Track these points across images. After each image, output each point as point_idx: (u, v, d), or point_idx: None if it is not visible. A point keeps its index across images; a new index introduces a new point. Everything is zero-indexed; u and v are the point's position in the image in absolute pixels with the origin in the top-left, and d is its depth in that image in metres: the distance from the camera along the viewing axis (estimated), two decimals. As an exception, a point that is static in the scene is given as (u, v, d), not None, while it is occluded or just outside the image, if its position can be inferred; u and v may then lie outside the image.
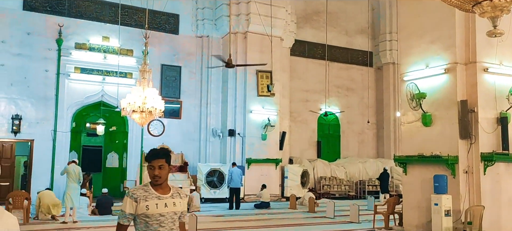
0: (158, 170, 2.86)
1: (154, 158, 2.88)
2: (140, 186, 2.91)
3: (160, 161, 2.88)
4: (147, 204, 2.80)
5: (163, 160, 2.89)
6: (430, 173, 9.02)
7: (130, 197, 2.83)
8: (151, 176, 2.87)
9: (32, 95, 15.40)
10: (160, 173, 2.87)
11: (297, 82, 20.86)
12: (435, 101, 9.34)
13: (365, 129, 22.51)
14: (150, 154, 2.91)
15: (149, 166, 2.87)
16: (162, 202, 2.84)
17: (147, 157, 2.90)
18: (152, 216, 2.79)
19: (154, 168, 2.87)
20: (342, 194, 19.36)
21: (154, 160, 2.88)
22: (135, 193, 2.83)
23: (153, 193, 2.85)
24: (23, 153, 16.08)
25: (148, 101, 11.91)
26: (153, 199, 2.83)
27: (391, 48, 22.26)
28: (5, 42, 14.93)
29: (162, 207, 2.83)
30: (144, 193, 2.84)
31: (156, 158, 2.88)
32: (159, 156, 2.89)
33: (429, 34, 9.55)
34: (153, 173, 2.86)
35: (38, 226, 10.22)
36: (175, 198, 2.92)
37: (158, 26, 17.57)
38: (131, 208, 2.81)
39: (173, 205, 2.88)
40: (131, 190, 2.86)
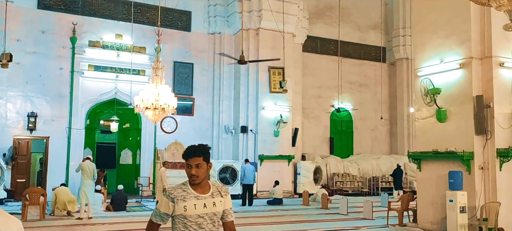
0: (195, 169, 2.66)
1: (191, 156, 2.68)
2: (179, 185, 2.73)
3: (198, 159, 2.68)
4: (185, 205, 2.62)
5: (200, 158, 2.69)
6: (445, 169, 8.93)
7: (167, 196, 2.66)
8: (188, 175, 2.68)
9: (47, 93, 15.60)
10: (197, 172, 2.66)
11: (310, 78, 20.78)
12: (450, 97, 9.23)
13: (378, 125, 22.35)
14: (187, 151, 2.71)
15: (186, 165, 2.67)
16: (200, 203, 2.66)
17: (184, 154, 2.71)
18: (191, 217, 2.63)
19: (191, 167, 2.66)
20: (355, 190, 19.27)
21: (191, 158, 2.68)
22: (173, 193, 2.66)
23: (191, 192, 2.67)
24: (38, 150, 16.31)
25: (161, 98, 12.00)
26: (192, 199, 2.65)
27: (405, 44, 22.03)
28: (20, 41, 15.13)
29: (200, 208, 2.65)
30: (182, 193, 2.66)
31: (193, 156, 2.68)
32: (196, 154, 2.69)
33: (444, 28, 9.43)
34: (190, 172, 2.66)
35: (54, 222, 10.36)
36: (215, 197, 2.72)
37: (170, 23, 17.64)
38: (167, 208, 2.65)
39: (212, 206, 2.69)
40: (169, 190, 2.70)
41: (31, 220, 10.36)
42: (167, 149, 17.12)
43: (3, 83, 14.94)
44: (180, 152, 17.19)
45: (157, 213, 2.69)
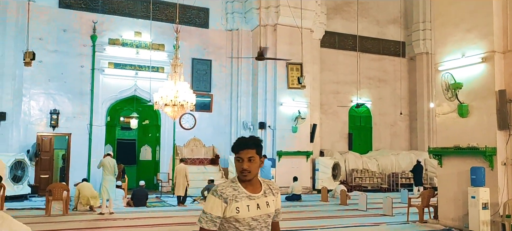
0: (247, 162, 2.33)
1: (243, 148, 2.35)
2: (228, 182, 2.39)
3: (250, 152, 2.35)
4: (237, 206, 2.28)
5: (253, 150, 2.36)
6: (467, 165, 8.80)
7: (218, 196, 2.30)
8: (239, 170, 2.35)
9: (68, 90, 15.88)
10: (249, 166, 2.33)
11: (328, 74, 20.67)
12: (471, 92, 9.08)
13: (398, 120, 22.11)
14: (238, 143, 2.39)
15: (236, 158, 2.36)
16: (254, 203, 2.33)
17: (234, 146, 2.39)
18: (243, 221, 2.29)
19: (243, 160, 2.34)
20: (374, 186, 19.13)
21: (243, 150, 2.35)
22: (224, 191, 2.31)
23: (243, 191, 2.34)
24: (61, 147, 16.64)
25: (179, 95, 12.12)
26: (244, 199, 2.32)
27: (425, 38, 21.73)
28: (42, 40, 15.43)
29: (254, 209, 2.32)
30: (233, 192, 2.32)
31: (245, 148, 2.35)
32: (249, 146, 2.36)
33: (465, 22, 9.27)
34: (242, 166, 2.33)
35: (77, 217, 10.57)
36: (268, 196, 2.40)
37: (188, 20, 17.75)
38: (219, 209, 2.29)
39: (266, 206, 2.37)
40: (218, 188, 2.34)
41: (54, 215, 10.59)
42: (186, 145, 17.30)
43: (27, 81, 15.27)
44: (198, 148, 17.39)
45: (208, 217, 2.29)
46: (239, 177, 2.38)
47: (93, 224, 9.52)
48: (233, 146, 2.39)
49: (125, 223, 9.74)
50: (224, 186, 2.35)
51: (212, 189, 2.36)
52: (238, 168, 2.35)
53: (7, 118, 14.46)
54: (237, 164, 2.37)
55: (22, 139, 15.08)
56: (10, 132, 14.68)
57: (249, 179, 2.35)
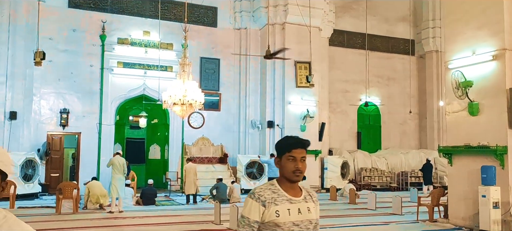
0: (300, 162, 2.22)
1: (297, 146, 2.23)
2: (266, 185, 2.26)
3: (303, 152, 2.24)
4: (277, 210, 2.16)
5: (305, 150, 2.25)
6: (477, 164, 8.72)
7: (256, 199, 2.18)
8: (291, 170, 2.21)
9: (78, 89, 16.00)
10: (302, 166, 2.22)
11: (336, 72, 20.61)
12: (482, 90, 8.98)
13: (407, 119, 21.99)
14: (291, 141, 2.25)
15: (288, 157, 2.21)
16: (295, 207, 2.20)
17: (286, 145, 2.25)
18: (284, 226, 2.16)
19: (296, 160, 2.21)
20: (384, 185, 19.04)
21: (297, 149, 2.22)
22: (262, 194, 2.19)
23: (283, 194, 2.21)
24: (71, 145, 16.77)
25: (188, 94, 12.15)
26: (284, 202, 2.19)
27: (434, 36, 21.56)
28: (52, 39, 15.55)
29: (295, 214, 2.19)
30: (272, 195, 2.19)
31: (299, 147, 2.23)
32: (302, 145, 2.25)
33: (476, 19, 9.17)
34: (296, 165, 2.20)
35: (86, 215, 10.65)
36: (309, 202, 2.27)
37: (196, 19, 17.78)
38: (258, 213, 2.16)
39: (307, 211, 2.23)
40: (256, 191, 2.22)
41: (64, 213, 10.68)
42: (195, 144, 17.35)
43: (37, 80, 15.40)
44: (207, 147, 17.42)
45: (245, 221, 2.18)
46: (278, 179, 2.26)
47: (103, 223, 9.58)
48: (284, 144, 2.25)
49: (134, 222, 9.80)
50: (262, 189, 2.22)
51: (250, 192, 2.25)
52: (290, 167, 2.21)
53: (18, 117, 14.59)
54: (287, 163, 2.21)
55: (33, 138, 15.22)
56: (21, 131, 14.82)
57: (300, 180, 2.24)
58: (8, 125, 14.43)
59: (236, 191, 13.65)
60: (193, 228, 8.94)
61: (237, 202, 12.23)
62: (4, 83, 14.49)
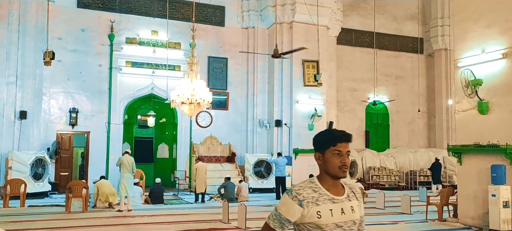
0: (346, 157, 2.09)
1: (343, 140, 2.09)
2: (306, 183, 2.10)
3: (348, 146, 2.10)
4: (318, 210, 2.01)
5: (349, 144, 2.11)
6: (487, 163, 8.65)
7: (293, 197, 2.03)
8: (337, 165, 2.07)
9: (87, 89, 16.11)
10: (348, 162, 2.10)
11: (344, 71, 20.54)
12: (492, 88, 8.91)
13: (416, 118, 21.87)
14: (338, 134, 2.10)
15: (333, 151, 2.07)
16: (337, 207, 2.05)
17: (331, 138, 2.09)
18: (326, 227, 2.02)
19: (342, 154, 2.07)
20: (392, 184, 18.95)
21: (342, 143, 2.08)
22: (301, 192, 2.04)
23: (324, 193, 2.06)
24: (80, 145, 16.90)
25: (196, 93, 12.18)
26: (326, 202, 2.04)
27: (443, 34, 21.41)
28: (62, 39, 15.66)
29: (338, 215, 2.04)
30: (313, 194, 2.04)
31: (345, 141, 2.09)
32: (347, 139, 2.10)
33: (485, 17, 9.10)
34: (342, 160, 2.07)
35: (96, 214, 10.72)
36: (352, 200, 2.12)
37: (204, 18, 17.81)
38: (291, 213, 2.02)
39: (351, 211, 2.08)
40: (295, 189, 2.06)
41: (74, 212, 10.77)
42: (203, 143, 17.39)
43: (46, 80, 15.53)
44: (215, 146, 17.45)
45: (276, 217, 2.05)
46: (318, 177, 2.11)
47: (112, 221, 9.65)
48: (328, 138, 2.09)
49: (143, 220, 9.85)
50: (302, 187, 2.06)
51: (288, 188, 2.11)
52: (336, 163, 2.06)
53: (28, 117, 14.73)
54: (332, 158, 2.06)
55: (43, 137, 15.35)
56: (31, 130, 14.95)
57: (346, 176, 2.11)
58: (18, 124, 14.57)
59: (244, 190, 13.68)
60: (201, 227, 8.96)
61: (245, 201, 12.25)
62: (14, 83, 14.62)
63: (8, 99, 14.48)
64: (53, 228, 8.73)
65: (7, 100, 14.46)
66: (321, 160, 2.10)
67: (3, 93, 14.40)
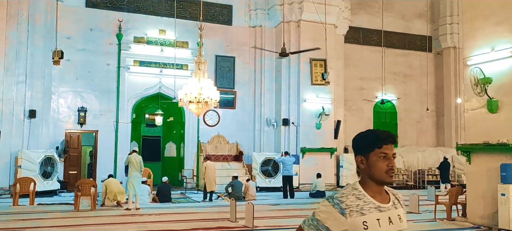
0: (393, 160, 1.92)
1: (389, 141, 1.92)
2: (348, 189, 1.92)
3: (393, 148, 1.93)
4: (364, 221, 1.82)
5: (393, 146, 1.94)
6: (497, 162, 8.58)
7: (334, 204, 1.85)
8: (384, 170, 1.89)
9: (95, 88, 16.20)
10: (395, 165, 1.93)
11: (352, 70, 20.45)
12: (502, 86, 8.83)
13: (424, 116, 21.72)
14: (384, 136, 1.92)
15: (379, 154, 1.90)
16: (385, 216, 1.87)
17: (376, 140, 1.92)
18: None
19: (389, 157, 1.91)
20: (400, 183, 18.84)
21: (389, 145, 1.91)
22: (343, 200, 1.85)
23: (370, 201, 1.87)
24: (88, 143, 17.01)
25: (204, 92, 12.20)
26: (372, 211, 1.85)
27: (452, 32, 21.23)
28: (70, 38, 15.76)
29: (386, 225, 1.86)
30: (357, 202, 1.86)
31: (391, 142, 1.92)
32: (394, 140, 1.93)
33: (495, 15, 9.02)
34: (389, 164, 1.90)
35: (104, 212, 10.79)
36: (398, 207, 1.95)
37: (212, 17, 17.84)
38: (330, 221, 1.84)
39: (398, 220, 1.91)
40: (337, 195, 1.89)
41: (83, 210, 10.84)
42: (210, 142, 17.42)
43: (55, 79, 15.65)
44: (222, 144, 17.47)
45: (314, 223, 1.89)
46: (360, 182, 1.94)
47: (120, 219, 9.70)
48: (372, 140, 1.92)
49: (151, 219, 9.89)
50: (345, 194, 1.88)
51: (329, 195, 1.94)
52: (382, 166, 1.89)
53: (37, 116, 14.84)
54: (378, 162, 1.89)
55: (52, 135, 15.47)
56: (40, 129, 15.07)
57: (393, 180, 1.95)
58: (27, 123, 14.68)
59: (251, 188, 13.68)
60: (209, 226, 8.99)
61: (252, 200, 12.25)
62: (23, 82, 14.75)
63: (18, 98, 14.60)
64: (62, 226, 8.80)
65: (17, 99, 14.58)
66: (365, 164, 1.93)
67: (13, 92, 14.52)
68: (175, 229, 8.67)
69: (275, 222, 9.54)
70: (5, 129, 14.16)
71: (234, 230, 8.61)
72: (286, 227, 8.90)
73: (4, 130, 14.13)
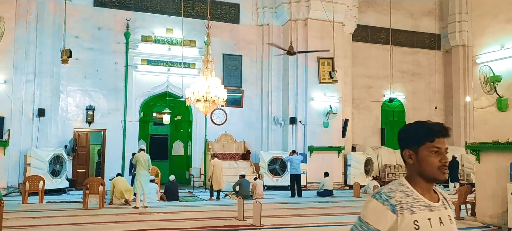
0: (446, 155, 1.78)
1: (442, 134, 1.78)
2: (395, 185, 1.77)
3: (445, 142, 1.79)
4: (415, 219, 1.67)
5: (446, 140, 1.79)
6: (506, 161, 8.50)
7: (384, 201, 1.69)
8: (436, 165, 1.75)
9: (103, 87, 16.29)
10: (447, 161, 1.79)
11: (360, 68, 20.36)
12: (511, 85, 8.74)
13: (433, 115, 21.53)
14: (437, 128, 1.78)
15: (431, 148, 1.75)
16: (435, 216, 1.73)
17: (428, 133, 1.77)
18: None
19: (441, 152, 1.76)
20: (408, 182, 18.73)
21: (441, 138, 1.77)
22: (392, 195, 1.70)
23: (419, 199, 1.72)
24: (96, 142, 17.10)
25: (211, 91, 12.21)
26: (423, 209, 1.71)
27: (461, 30, 21.04)
28: (78, 38, 15.86)
29: (437, 225, 1.72)
30: (407, 198, 1.70)
31: (444, 136, 1.79)
32: (447, 134, 1.80)
33: (505, 12, 8.92)
34: (442, 159, 1.76)
35: (112, 210, 10.83)
36: (447, 208, 1.82)
37: (219, 16, 17.84)
38: (382, 221, 1.67)
39: (449, 222, 1.77)
40: (384, 191, 1.74)
41: (91, 208, 10.90)
42: (217, 141, 17.44)
43: (64, 78, 15.75)
44: (230, 143, 17.49)
45: (363, 228, 1.71)
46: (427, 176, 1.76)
47: (128, 218, 9.74)
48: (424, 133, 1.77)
49: (159, 217, 9.92)
50: (392, 189, 1.72)
51: (375, 192, 1.78)
52: (434, 162, 1.74)
53: (46, 114, 14.95)
54: (430, 156, 1.74)
55: (60, 134, 15.58)
56: (48, 127, 15.18)
57: (447, 177, 1.81)
58: (36, 121, 14.79)
59: (259, 187, 13.68)
60: (217, 224, 9.00)
61: (260, 199, 12.24)
62: (32, 81, 14.85)
63: (27, 97, 14.71)
64: (71, 224, 8.86)
65: (26, 98, 14.69)
66: (413, 159, 1.78)
67: (22, 91, 14.63)
68: (182, 227, 8.69)
69: (283, 220, 9.53)
70: (14, 127, 14.28)
71: (242, 228, 8.60)
72: (294, 226, 8.89)
73: (14, 129, 14.25)
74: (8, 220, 8.43)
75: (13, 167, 14.22)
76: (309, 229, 8.79)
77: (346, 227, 9.14)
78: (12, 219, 8.91)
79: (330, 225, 9.08)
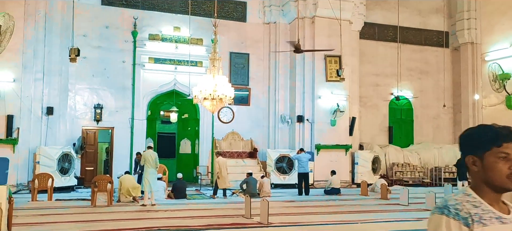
0: None
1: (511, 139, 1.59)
2: (461, 195, 1.60)
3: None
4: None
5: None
6: (516, 159, 8.41)
7: (454, 216, 1.53)
8: (505, 173, 1.57)
9: (111, 85, 16.37)
10: None
11: (367, 66, 20.28)
12: (521, 82, 8.67)
13: (441, 113, 21.43)
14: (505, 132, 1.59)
15: (498, 154, 1.57)
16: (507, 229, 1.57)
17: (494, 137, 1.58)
18: None
19: (510, 158, 1.57)
20: (416, 181, 18.67)
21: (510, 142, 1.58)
22: (461, 208, 1.54)
23: (488, 210, 1.57)
24: (104, 140, 17.20)
25: (218, 89, 12.23)
26: (494, 222, 1.55)
27: (470, 27, 20.81)
28: (86, 36, 15.96)
29: None
30: (475, 210, 1.54)
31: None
32: None
33: (514, 9, 8.84)
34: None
35: (120, 208, 10.90)
36: None
37: (226, 14, 17.85)
38: None
39: None
40: (451, 203, 1.56)
41: (99, 206, 10.97)
42: (224, 139, 17.48)
43: (72, 77, 15.85)
44: (237, 141, 17.51)
45: None
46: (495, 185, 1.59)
47: (136, 215, 9.79)
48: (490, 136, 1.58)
49: (166, 215, 9.96)
50: (459, 201, 1.56)
51: (440, 206, 1.59)
52: (503, 169, 1.56)
53: (54, 113, 15.06)
54: (498, 163, 1.56)
55: (69, 132, 15.69)
56: (57, 125, 15.29)
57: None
58: (45, 120, 14.91)
59: (266, 185, 13.69)
60: (224, 222, 9.01)
61: (267, 197, 12.25)
62: (41, 79, 14.97)
63: (36, 96, 14.83)
64: (79, 221, 8.92)
65: (35, 97, 14.81)
66: (478, 166, 1.60)
67: (31, 90, 14.75)
68: (190, 225, 8.72)
69: (290, 219, 9.53)
70: (23, 125, 14.40)
71: (249, 226, 8.61)
72: (301, 224, 8.89)
73: (23, 127, 14.37)
74: (18, 217, 8.51)
75: (22, 165, 14.34)
76: (317, 227, 8.78)
77: (353, 225, 9.15)
78: (21, 216, 8.99)
79: (337, 223, 9.06)
